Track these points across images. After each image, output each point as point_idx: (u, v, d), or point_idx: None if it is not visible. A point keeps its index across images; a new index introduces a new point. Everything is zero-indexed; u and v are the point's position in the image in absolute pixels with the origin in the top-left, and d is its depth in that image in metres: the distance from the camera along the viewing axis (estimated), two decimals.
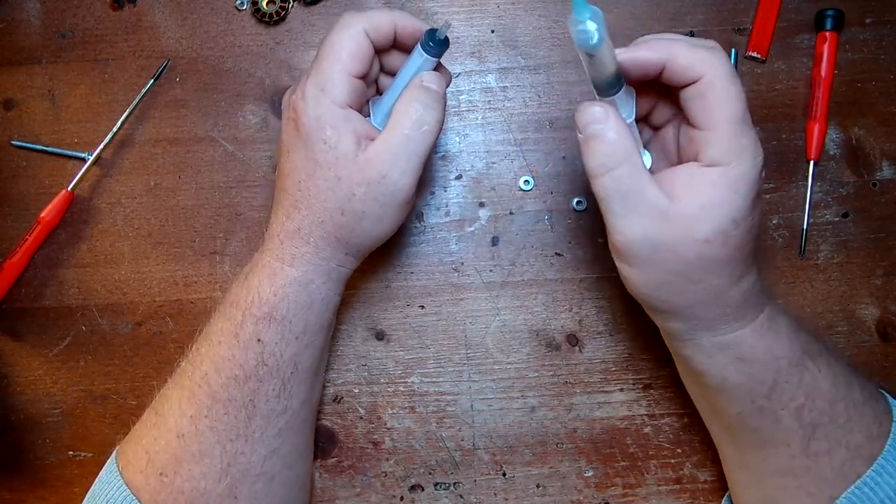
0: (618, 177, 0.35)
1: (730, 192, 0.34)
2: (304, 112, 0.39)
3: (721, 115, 0.34)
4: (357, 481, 0.50)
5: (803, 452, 0.39)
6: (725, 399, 0.40)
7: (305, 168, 0.40)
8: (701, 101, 0.35)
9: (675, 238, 0.35)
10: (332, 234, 0.40)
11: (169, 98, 0.52)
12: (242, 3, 0.52)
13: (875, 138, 0.51)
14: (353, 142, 0.39)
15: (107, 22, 0.52)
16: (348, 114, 0.39)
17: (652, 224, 0.35)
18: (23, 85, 0.52)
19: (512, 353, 0.50)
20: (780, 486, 0.40)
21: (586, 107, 0.36)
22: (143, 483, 0.39)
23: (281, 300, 0.40)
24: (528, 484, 0.50)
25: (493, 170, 0.51)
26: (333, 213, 0.39)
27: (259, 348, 0.40)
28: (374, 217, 0.40)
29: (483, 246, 0.51)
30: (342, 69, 0.39)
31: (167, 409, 0.41)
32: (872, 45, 0.51)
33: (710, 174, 0.35)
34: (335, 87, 0.39)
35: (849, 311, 0.50)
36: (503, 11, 0.52)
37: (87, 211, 0.51)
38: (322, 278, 0.41)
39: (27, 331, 0.51)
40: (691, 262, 0.35)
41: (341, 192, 0.39)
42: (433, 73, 0.40)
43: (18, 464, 0.50)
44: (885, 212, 0.51)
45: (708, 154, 0.35)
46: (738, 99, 0.34)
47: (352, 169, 0.39)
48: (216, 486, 0.39)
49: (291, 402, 0.41)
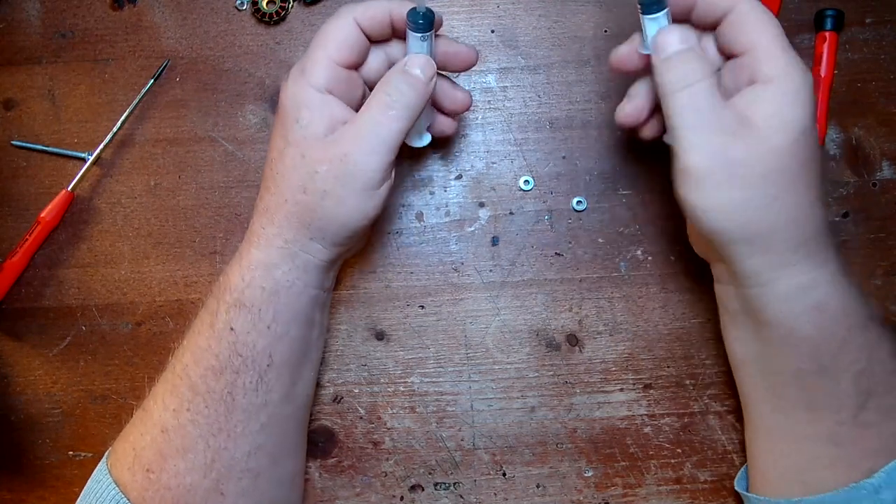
0: (696, 92, 0.36)
1: (792, 103, 0.36)
2: (284, 92, 0.40)
3: (764, 35, 0.36)
4: (357, 481, 0.50)
5: (852, 420, 0.38)
6: (788, 354, 0.39)
7: (278, 146, 0.40)
8: (742, 28, 0.37)
9: (750, 152, 0.36)
10: (294, 213, 0.40)
11: (169, 98, 0.52)
12: (242, 3, 0.52)
13: (875, 138, 0.51)
14: (326, 125, 0.39)
15: (107, 22, 0.52)
16: (326, 98, 0.39)
17: (727, 140, 0.36)
18: (23, 85, 0.52)
19: (512, 353, 0.50)
20: (816, 455, 0.40)
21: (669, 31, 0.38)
22: (131, 480, 0.39)
23: (248, 285, 0.40)
24: (528, 484, 0.50)
25: (493, 170, 0.51)
26: (295, 191, 0.39)
27: (232, 337, 0.40)
28: (335, 197, 0.39)
29: (483, 246, 0.51)
30: (325, 55, 0.39)
31: (152, 403, 0.41)
32: (872, 45, 0.51)
33: (770, 90, 0.36)
34: (315, 72, 0.39)
35: None
36: (503, 11, 0.52)
37: (87, 211, 0.51)
38: (287, 263, 0.41)
39: (27, 331, 0.51)
40: (768, 176, 0.36)
41: (304, 170, 0.39)
42: (419, 57, 0.40)
43: (18, 464, 0.50)
44: (885, 212, 0.51)
45: (762, 72, 0.36)
46: (772, 18, 0.36)
47: (317, 148, 0.39)
48: (202, 481, 0.39)
49: (271, 396, 0.41)
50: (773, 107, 0.36)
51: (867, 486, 0.38)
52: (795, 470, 0.41)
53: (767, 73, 0.36)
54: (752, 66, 0.37)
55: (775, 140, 0.36)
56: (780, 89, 0.36)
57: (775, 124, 0.36)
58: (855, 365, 0.38)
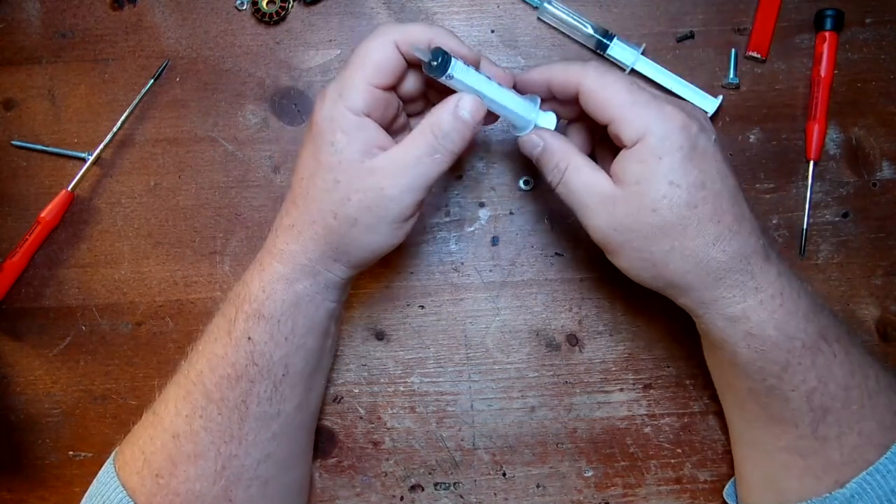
0: (567, 180, 0.40)
1: (655, 159, 0.37)
2: (320, 112, 0.39)
3: (610, 103, 0.38)
4: (357, 481, 0.50)
5: (812, 434, 0.39)
6: (736, 374, 0.40)
7: (309, 166, 0.40)
8: (593, 102, 0.38)
9: (630, 215, 0.38)
10: (321, 236, 0.40)
11: (169, 98, 0.52)
12: (242, 3, 0.52)
13: (875, 138, 0.51)
14: (361, 150, 0.38)
15: (107, 22, 0.52)
16: (363, 122, 0.38)
17: (609, 210, 0.38)
18: (23, 85, 0.52)
19: (512, 353, 0.50)
20: (786, 465, 0.40)
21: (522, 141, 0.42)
22: (139, 484, 0.39)
23: (269, 296, 0.40)
24: (528, 484, 0.50)
25: (493, 170, 0.51)
26: (326, 215, 0.39)
27: (249, 347, 0.40)
28: (364, 227, 0.39)
29: (483, 246, 0.51)
30: (363, 78, 0.38)
31: (163, 408, 0.41)
32: (872, 45, 0.51)
33: (632, 152, 0.37)
34: (353, 94, 0.38)
35: (849, 311, 0.50)
36: (503, 11, 0.52)
37: (87, 211, 0.51)
38: (308, 280, 0.40)
39: (27, 331, 0.51)
40: (652, 233, 0.38)
41: (337, 196, 0.39)
42: (471, 100, 0.39)
43: (18, 464, 0.50)
44: (885, 212, 0.51)
45: (624, 138, 0.38)
46: (618, 83, 0.38)
47: (352, 175, 0.38)
48: (211, 488, 0.39)
49: (284, 406, 0.41)
50: (637, 167, 0.37)
51: (839, 496, 0.38)
52: (770, 479, 0.42)
53: (627, 137, 0.37)
54: (616, 133, 0.38)
55: (645, 199, 0.37)
56: (641, 150, 0.37)
57: (642, 184, 0.37)
58: (804, 385, 0.38)
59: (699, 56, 0.51)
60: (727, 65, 0.51)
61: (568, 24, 0.51)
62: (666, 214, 0.37)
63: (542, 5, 0.51)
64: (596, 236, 0.40)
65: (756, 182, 0.51)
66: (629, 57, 0.50)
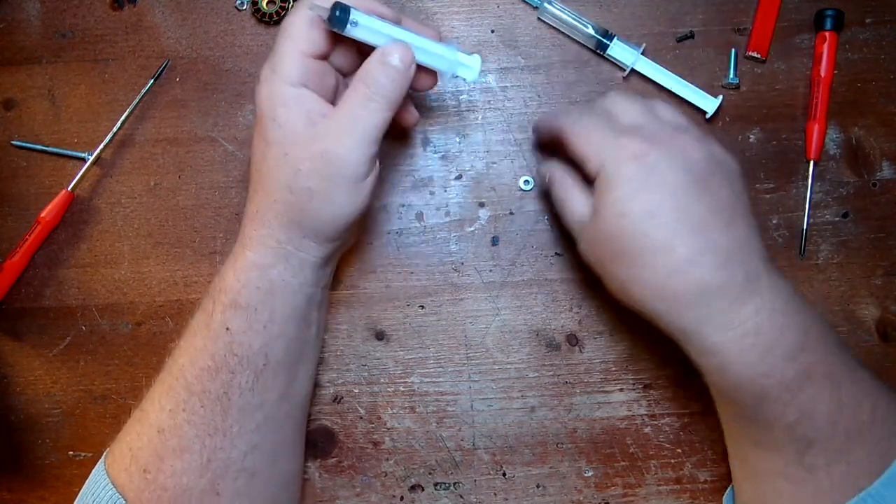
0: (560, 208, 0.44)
1: (607, 190, 0.39)
2: (259, 93, 0.39)
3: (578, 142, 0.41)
4: (357, 481, 0.50)
5: (798, 463, 0.38)
6: (718, 400, 0.41)
7: (259, 149, 0.40)
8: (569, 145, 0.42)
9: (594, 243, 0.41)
10: (283, 214, 0.40)
11: (169, 98, 0.52)
12: (242, 3, 0.52)
13: (875, 138, 0.51)
14: (303, 121, 0.38)
15: (107, 22, 0.52)
16: (300, 92, 0.39)
17: (583, 238, 0.42)
18: (23, 85, 0.52)
19: (512, 353, 0.50)
20: (776, 489, 0.40)
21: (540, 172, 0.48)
22: (128, 481, 0.39)
23: (244, 285, 0.40)
24: (528, 484, 0.50)
25: (493, 170, 0.51)
26: (283, 191, 0.39)
27: (228, 337, 0.40)
28: (322, 195, 0.39)
29: (483, 246, 0.51)
30: (293, 48, 0.38)
31: (149, 404, 0.41)
32: (872, 45, 0.51)
33: (595, 185, 0.40)
34: (285, 66, 0.38)
35: (849, 311, 0.50)
36: (503, 11, 0.52)
37: (87, 211, 0.51)
38: (281, 263, 0.40)
39: (27, 331, 0.51)
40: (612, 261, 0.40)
41: (287, 169, 0.39)
42: (397, 45, 0.39)
43: (18, 464, 0.50)
44: (885, 212, 0.51)
45: (589, 173, 0.41)
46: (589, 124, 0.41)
47: (298, 145, 0.38)
48: (198, 481, 0.39)
49: (267, 396, 0.41)
50: (596, 198, 0.40)
51: None
52: (762, 500, 0.41)
53: (590, 171, 0.40)
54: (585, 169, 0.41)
55: (601, 228, 0.39)
56: (597, 182, 0.40)
57: (599, 214, 0.40)
58: (784, 418, 0.37)
59: (699, 56, 0.51)
60: (727, 65, 0.51)
61: (568, 24, 0.51)
62: (617, 244, 0.39)
63: (542, 5, 0.51)
64: (582, 259, 0.43)
65: (756, 182, 0.51)
66: (629, 57, 0.50)
